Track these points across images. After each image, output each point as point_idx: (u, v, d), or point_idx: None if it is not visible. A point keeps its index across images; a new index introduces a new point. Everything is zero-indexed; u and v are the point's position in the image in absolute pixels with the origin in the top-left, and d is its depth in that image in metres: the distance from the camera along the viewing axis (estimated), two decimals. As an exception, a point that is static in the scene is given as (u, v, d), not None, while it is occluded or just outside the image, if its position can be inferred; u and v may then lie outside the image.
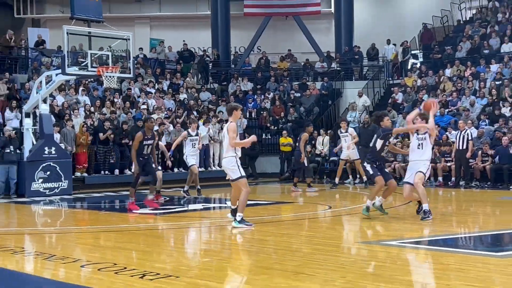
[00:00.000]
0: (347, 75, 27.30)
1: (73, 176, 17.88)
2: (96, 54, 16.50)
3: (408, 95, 23.69)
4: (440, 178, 18.02)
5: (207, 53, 29.42)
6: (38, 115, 17.18)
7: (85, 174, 18.72)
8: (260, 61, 29.39)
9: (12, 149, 16.53)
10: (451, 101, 21.76)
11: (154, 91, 23.11)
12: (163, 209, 12.88)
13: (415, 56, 28.23)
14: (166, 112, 21.44)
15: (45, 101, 17.32)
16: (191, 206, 13.90)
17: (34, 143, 17.08)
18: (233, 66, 29.24)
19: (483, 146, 17.87)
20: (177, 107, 22.14)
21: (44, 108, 17.15)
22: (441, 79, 23.70)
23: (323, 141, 21.66)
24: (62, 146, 17.55)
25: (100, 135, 18.75)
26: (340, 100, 26.36)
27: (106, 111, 20.09)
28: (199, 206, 13.81)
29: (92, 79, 21.47)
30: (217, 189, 17.65)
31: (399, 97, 24.05)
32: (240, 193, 9.77)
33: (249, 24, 31.35)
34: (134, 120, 19.96)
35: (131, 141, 19.08)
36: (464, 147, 17.17)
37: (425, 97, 22.66)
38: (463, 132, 17.19)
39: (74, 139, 18.34)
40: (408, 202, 11.60)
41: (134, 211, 12.17)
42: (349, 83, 26.68)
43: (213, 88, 27.06)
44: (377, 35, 29.49)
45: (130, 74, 17.55)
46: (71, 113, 19.20)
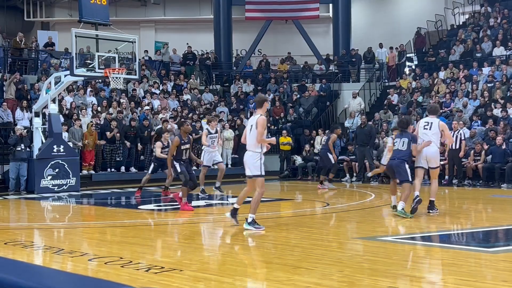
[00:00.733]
0: (345, 77, 27.70)
1: (81, 174, 18.09)
2: (103, 56, 16.57)
3: (403, 97, 24.12)
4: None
5: (208, 55, 29.68)
6: (48, 115, 17.44)
7: (92, 172, 18.95)
8: (261, 63, 29.84)
9: (23, 147, 16.77)
10: (445, 103, 21.98)
11: (159, 92, 23.67)
12: (171, 205, 12.84)
13: (410, 59, 28.57)
14: (171, 112, 21.92)
15: (54, 101, 17.54)
16: (195, 203, 13.44)
17: (44, 142, 17.28)
18: (235, 68, 29.56)
19: (475, 146, 18.08)
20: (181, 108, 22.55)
21: (53, 108, 17.34)
22: (435, 81, 24.01)
23: (321, 141, 22.17)
24: (70, 145, 17.78)
25: (107, 134, 19.11)
26: (338, 101, 26.79)
27: (113, 111, 20.44)
28: (202, 203, 13.77)
29: (99, 80, 21.73)
30: (221, 187, 17.64)
31: (395, 99, 24.43)
32: (254, 193, 9.17)
33: (250, 28, 31.63)
34: (139, 120, 20.30)
35: (140, 137, 19.54)
36: (457, 147, 17.35)
37: (420, 99, 23.36)
38: (456, 133, 17.31)
39: (82, 138, 18.61)
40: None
41: (188, 211, 11.61)
42: (346, 85, 27.07)
43: (216, 89, 27.62)
44: (374, 39, 29.89)
45: (136, 76, 17.65)
46: (79, 113, 19.49)
